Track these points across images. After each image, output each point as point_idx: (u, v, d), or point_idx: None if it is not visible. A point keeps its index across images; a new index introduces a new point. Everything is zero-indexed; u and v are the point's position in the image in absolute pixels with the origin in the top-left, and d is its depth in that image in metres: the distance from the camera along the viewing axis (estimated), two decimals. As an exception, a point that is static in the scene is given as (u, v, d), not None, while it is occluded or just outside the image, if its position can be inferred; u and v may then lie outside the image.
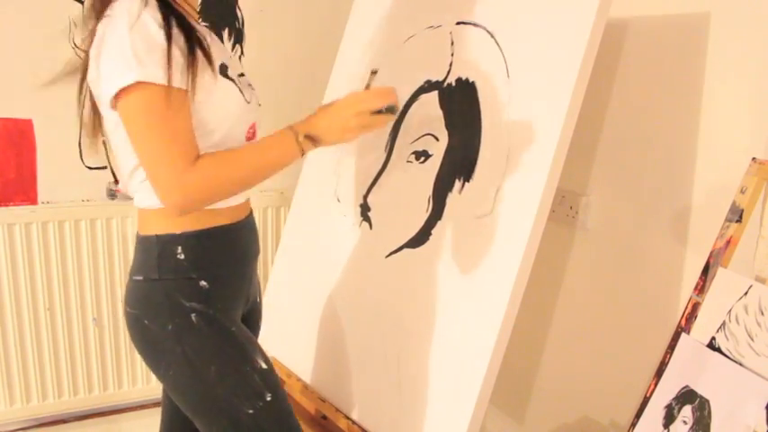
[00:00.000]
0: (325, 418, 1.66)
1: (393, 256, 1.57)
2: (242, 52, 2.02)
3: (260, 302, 1.35)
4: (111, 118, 1.04)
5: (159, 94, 0.95)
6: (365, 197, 1.68)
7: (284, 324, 1.85)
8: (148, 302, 1.10)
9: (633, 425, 1.25)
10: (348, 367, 1.64)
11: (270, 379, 1.13)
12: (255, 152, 1.06)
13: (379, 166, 1.66)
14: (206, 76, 1.03)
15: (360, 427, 1.56)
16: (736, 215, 1.19)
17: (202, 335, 1.09)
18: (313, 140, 1.07)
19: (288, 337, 1.84)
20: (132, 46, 0.95)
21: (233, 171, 1.02)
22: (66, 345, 1.98)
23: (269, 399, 1.11)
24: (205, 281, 1.10)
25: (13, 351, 1.92)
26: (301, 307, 1.81)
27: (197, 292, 1.09)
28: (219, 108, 1.06)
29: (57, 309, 1.96)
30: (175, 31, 0.99)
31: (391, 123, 1.09)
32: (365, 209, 1.68)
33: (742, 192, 1.19)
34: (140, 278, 1.11)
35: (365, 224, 1.67)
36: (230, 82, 1.08)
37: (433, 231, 1.49)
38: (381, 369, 1.53)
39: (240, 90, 1.10)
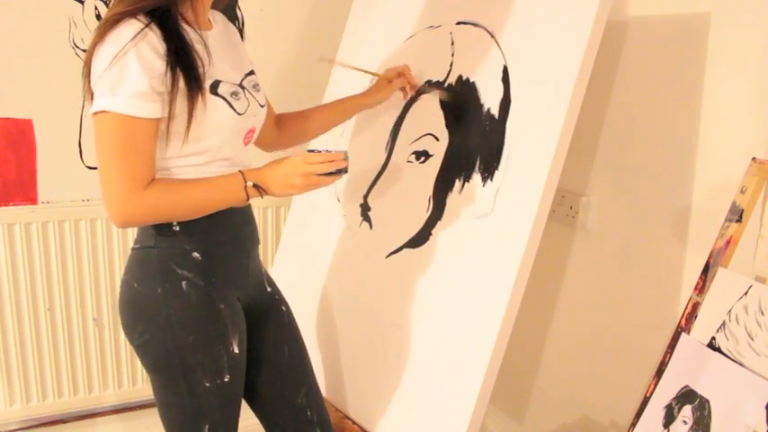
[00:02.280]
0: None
1: (393, 256, 1.57)
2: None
3: (278, 299, 1.38)
4: None
5: (123, 122, 1.03)
6: (365, 197, 1.68)
7: (284, 324, 1.85)
8: (142, 267, 1.17)
9: (633, 425, 1.25)
10: (348, 367, 1.64)
11: (235, 363, 1.21)
12: (202, 189, 1.14)
13: (380, 167, 1.66)
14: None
15: (360, 426, 1.56)
16: (736, 215, 1.19)
17: (190, 303, 1.16)
18: (260, 190, 1.16)
19: (288, 337, 1.84)
20: (109, 75, 1.02)
21: (175, 202, 1.11)
22: (66, 345, 1.98)
23: (226, 380, 1.19)
24: (198, 253, 1.17)
25: (13, 351, 1.92)
26: (301, 307, 1.81)
27: (190, 262, 1.16)
28: (207, 125, 1.12)
29: (57, 309, 1.95)
30: (160, 63, 1.05)
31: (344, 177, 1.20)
32: (365, 209, 1.68)
33: (742, 192, 1.19)
34: (138, 246, 1.19)
35: (365, 224, 1.67)
36: (220, 99, 1.13)
37: (433, 231, 1.49)
38: (381, 369, 1.53)
39: (230, 104, 1.15)
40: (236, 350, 1.21)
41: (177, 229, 1.15)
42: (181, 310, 1.15)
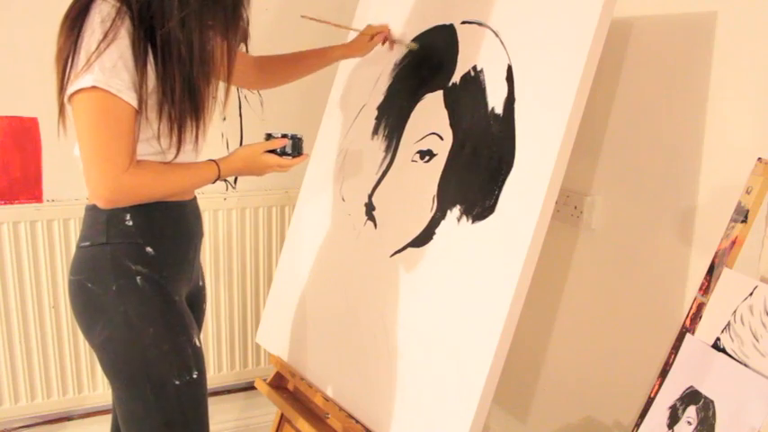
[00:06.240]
0: (328, 416, 1.66)
1: (397, 255, 1.57)
2: (246, 51, 2.03)
3: (203, 286, 1.41)
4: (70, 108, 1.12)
5: (111, 100, 1.04)
6: (370, 196, 1.68)
7: (289, 323, 1.86)
8: (94, 265, 1.16)
9: (637, 425, 1.25)
10: (351, 366, 1.64)
11: (200, 358, 1.20)
12: (184, 172, 1.18)
13: (384, 166, 1.66)
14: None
15: (363, 425, 1.56)
16: (742, 215, 1.19)
17: (146, 297, 1.16)
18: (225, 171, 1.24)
19: (292, 336, 1.84)
20: (98, 52, 1.03)
21: (162, 182, 1.15)
22: (71, 342, 1.99)
23: (195, 376, 1.17)
24: (151, 247, 1.18)
25: (17, 349, 1.93)
26: (306, 306, 1.81)
27: (143, 257, 1.16)
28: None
29: (61, 307, 1.96)
30: (139, 50, 1.06)
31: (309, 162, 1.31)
32: (370, 208, 1.68)
33: (747, 192, 1.19)
34: (87, 244, 1.17)
35: (370, 223, 1.67)
36: None
37: (437, 230, 1.49)
38: (385, 368, 1.53)
39: None
40: (198, 344, 1.20)
41: (130, 223, 1.15)
42: (138, 304, 1.14)
